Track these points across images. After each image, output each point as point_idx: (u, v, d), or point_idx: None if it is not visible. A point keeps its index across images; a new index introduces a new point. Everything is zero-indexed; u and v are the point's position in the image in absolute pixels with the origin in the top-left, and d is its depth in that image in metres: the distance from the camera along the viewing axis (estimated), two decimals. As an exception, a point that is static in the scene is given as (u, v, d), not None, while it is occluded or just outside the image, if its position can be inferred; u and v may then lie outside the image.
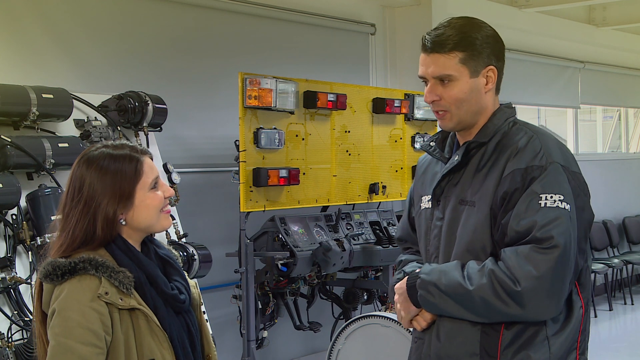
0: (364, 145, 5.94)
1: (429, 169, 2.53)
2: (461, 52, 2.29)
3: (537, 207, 2.18)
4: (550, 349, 2.23)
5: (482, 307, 2.20)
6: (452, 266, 2.27)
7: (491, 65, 2.34)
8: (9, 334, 3.88)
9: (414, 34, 7.31)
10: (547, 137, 2.32)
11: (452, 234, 2.34)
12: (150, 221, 2.22)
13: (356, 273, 6.00)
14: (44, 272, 2.14)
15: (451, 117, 2.34)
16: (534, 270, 2.14)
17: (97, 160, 2.19)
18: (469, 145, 2.34)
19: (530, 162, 2.23)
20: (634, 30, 10.39)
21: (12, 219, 4.05)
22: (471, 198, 2.30)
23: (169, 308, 2.22)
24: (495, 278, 2.17)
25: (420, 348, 2.43)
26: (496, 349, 2.24)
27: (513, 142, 2.30)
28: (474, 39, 2.30)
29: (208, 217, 5.82)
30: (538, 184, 2.20)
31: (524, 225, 2.18)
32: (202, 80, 5.90)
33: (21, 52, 4.91)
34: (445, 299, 2.25)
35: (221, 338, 5.46)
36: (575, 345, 2.29)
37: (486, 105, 2.37)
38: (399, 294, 2.40)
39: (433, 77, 2.32)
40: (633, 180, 10.92)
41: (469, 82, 2.31)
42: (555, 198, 2.19)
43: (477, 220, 2.28)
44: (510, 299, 2.16)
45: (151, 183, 2.22)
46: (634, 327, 8.92)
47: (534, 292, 2.15)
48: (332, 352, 4.99)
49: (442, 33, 2.31)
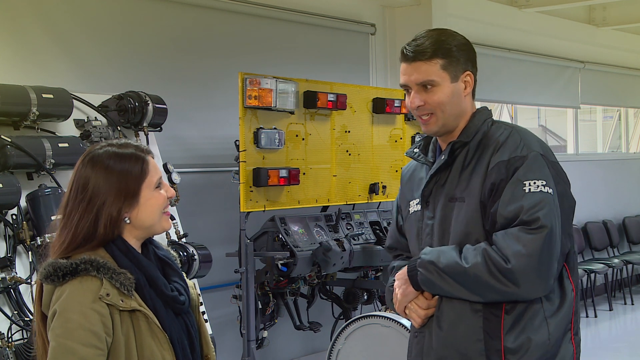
0: (364, 145, 5.94)
1: (414, 175, 2.65)
2: (441, 59, 2.44)
3: (522, 193, 2.32)
4: (549, 330, 2.35)
5: (477, 285, 2.32)
6: (450, 247, 2.40)
7: (468, 71, 2.49)
8: (9, 334, 3.88)
9: (414, 34, 7.27)
10: (525, 132, 2.48)
11: (444, 230, 2.46)
12: (153, 220, 2.22)
13: (356, 273, 6.00)
14: (44, 273, 2.13)
15: (436, 121, 2.47)
16: (523, 249, 2.27)
17: (102, 159, 2.19)
18: (454, 145, 2.47)
19: (512, 153, 2.38)
20: (634, 30, 10.39)
21: (12, 219, 4.05)
22: (460, 195, 2.43)
23: (168, 309, 2.21)
24: (488, 256, 2.30)
25: (421, 341, 2.50)
26: (499, 333, 2.35)
27: (494, 138, 2.44)
28: (451, 47, 2.46)
29: (208, 217, 5.82)
30: (521, 172, 2.34)
31: (511, 211, 2.32)
32: (202, 80, 5.90)
33: (21, 52, 4.91)
34: (444, 276, 2.36)
35: (221, 338, 5.46)
36: (569, 326, 2.42)
37: (466, 109, 2.50)
38: (399, 279, 2.52)
39: (416, 84, 2.46)
40: (633, 180, 10.92)
41: (450, 86, 2.45)
42: (538, 183, 2.33)
43: (467, 213, 2.40)
44: (503, 277, 2.28)
45: (156, 182, 2.23)
46: (634, 327, 8.92)
47: (524, 270, 2.27)
48: (332, 352, 4.99)
49: (421, 43, 2.46)
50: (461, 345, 2.38)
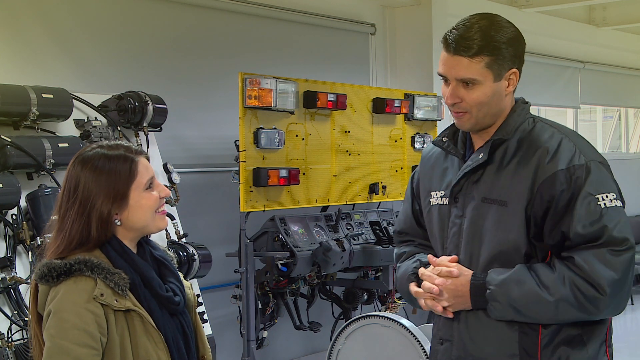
0: (364, 145, 5.94)
1: (437, 164, 2.47)
2: (487, 57, 2.23)
3: (598, 209, 2.18)
4: (586, 344, 2.25)
5: (560, 315, 2.19)
6: (521, 271, 2.22)
7: (514, 68, 2.30)
8: (9, 334, 3.87)
9: (414, 34, 7.32)
10: (576, 137, 2.32)
11: (475, 232, 2.30)
12: (145, 222, 2.22)
13: (356, 273, 6.00)
14: (39, 273, 2.14)
15: (469, 118, 2.30)
16: (616, 275, 2.14)
17: (91, 160, 2.20)
18: (494, 142, 2.29)
19: (570, 162, 2.21)
20: (634, 30, 10.39)
21: (12, 219, 4.05)
22: (499, 197, 2.25)
23: (163, 309, 2.22)
24: (577, 288, 2.15)
25: (449, 350, 2.37)
26: (536, 349, 2.23)
27: (541, 142, 2.26)
28: (499, 43, 2.25)
29: (208, 217, 5.82)
30: (589, 185, 2.19)
31: (592, 231, 2.16)
32: (202, 80, 5.90)
33: (21, 52, 4.91)
34: (520, 310, 2.21)
35: (221, 338, 5.45)
36: (604, 337, 2.31)
37: (505, 107, 2.33)
38: (456, 283, 2.27)
39: (456, 79, 2.27)
40: (633, 180, 10.91)
41: (492, 86, 2.26)
42: (610, 197, 2.20)
43: (511, 220, 2.23)
44: (592, 306, 2.16)
45: (146, 183, 2.22)
46: (634, 327, 8.91)
47: (616, 296, 2.17)
48: (332, 352, 4.98)
49: (467, 35, 2.24)
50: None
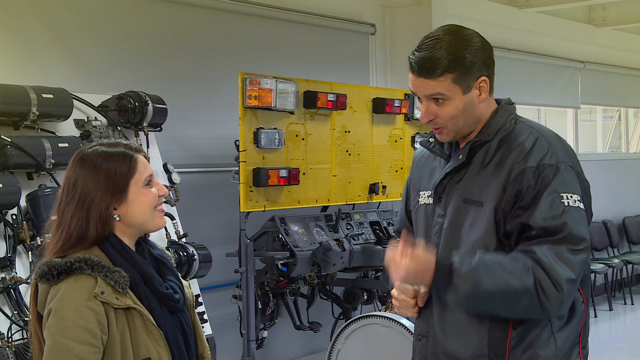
0: (364, 145, 5.94)
1: (427, 164, 2.51)
2: (451, 74, 2.24)
3: (561, 205, 2.20)
4: (556, 345, 2.25)
5: (514, 304, 2.18)
6: (490, 260, 2.20)
7: (483, 76, 2.30)
8: (9, 334, 3.88)
9: (414, 34, 7.31)
10: (552, 137, 2.33)
11: (454, 232, 2.33)
12: (143, 218, 2.22)
13: (356, 273, 6.00)
14: (39, 272, 2.14)
15: (448, 132, 2.34)
16: (572, 274, 2.16)
17: (90, 158, 2.20)
18: (473, 144, 2.33)
19: (541, 160, 2.23)
20: (634, 30, 10.39)
21: (12, 219, 4.05)
22: (478, 197, 2.29)
23: (163, 307, 2.22)
24: (540, 283, 2.15)
25: (425, 345, 2.42)
26: (504, 350, 2.25)
27: (518, 142, 2.29)
28: (464, 58, 2.24)
29: (208, 217, 5.82)
30: (556, 182, 2.22)
31: (553, 225, 2.18)
32: (202, 80, 5.90)
33: (21, 52, 4.91)
34: (477, 293, 2.19)
35: (221, 338, 5.45)
36: (578, 340, 2.31)
37: (483, 113, 2.35)
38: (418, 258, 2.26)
39: (426, 97, 2.29)
40: (633, 180, 10.92)
41: (463, 98, 2.28)
42: (574, 198, 2.23)
43: (485, 220, 2.26)
44: (548, 303, 2.16)
45: (145, 179, 2.23)
46: (634, 327, 8.92)
47: (570, 295, 2.18)
48: (332, 352, 4.99)
49: (430, 57, 2.24)
50: (463, 358, 2.30)
